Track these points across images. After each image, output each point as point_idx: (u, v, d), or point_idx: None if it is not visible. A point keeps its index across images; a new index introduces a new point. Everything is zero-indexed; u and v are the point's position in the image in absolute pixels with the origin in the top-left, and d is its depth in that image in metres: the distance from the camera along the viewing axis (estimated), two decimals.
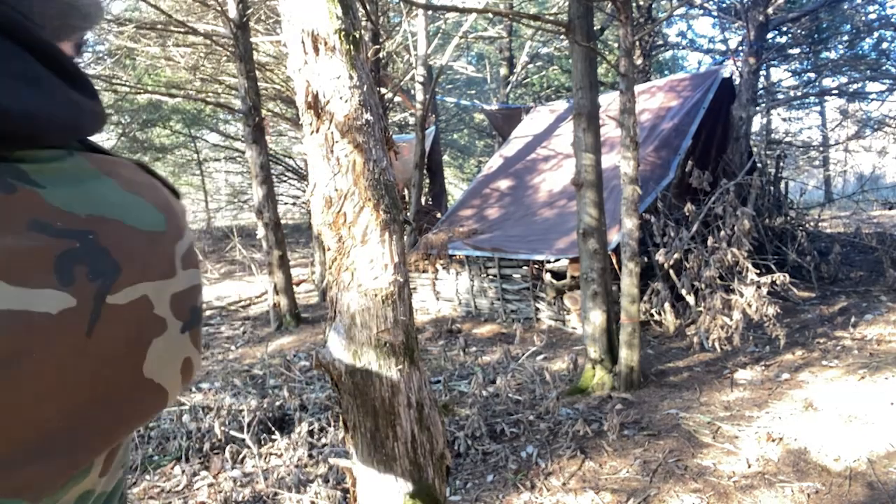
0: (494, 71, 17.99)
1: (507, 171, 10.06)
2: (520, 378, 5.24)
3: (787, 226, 8.58)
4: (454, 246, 8.21)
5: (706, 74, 9.17)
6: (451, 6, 5.18)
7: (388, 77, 9.80)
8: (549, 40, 13.70)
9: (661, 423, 4.16)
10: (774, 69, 14.25)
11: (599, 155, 5.05)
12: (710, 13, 11.46)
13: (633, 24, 5.12)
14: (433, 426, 2.08)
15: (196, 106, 13.86)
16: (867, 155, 19.38)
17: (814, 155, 17.97)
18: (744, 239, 5.42)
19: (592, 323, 5.00)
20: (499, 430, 4.18)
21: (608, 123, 7.48)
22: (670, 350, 5.95)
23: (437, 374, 5.68)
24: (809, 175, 21.16)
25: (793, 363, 5.14)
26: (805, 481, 3.25)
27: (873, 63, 11.44)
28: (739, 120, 8.64)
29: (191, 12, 9.60)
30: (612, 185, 7.11)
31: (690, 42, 15.42)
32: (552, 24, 5.23)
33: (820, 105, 18.00)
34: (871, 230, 9.92)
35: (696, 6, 10.84)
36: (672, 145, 7.94)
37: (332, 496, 3.36)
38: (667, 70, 17.36)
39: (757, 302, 5.05)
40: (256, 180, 8.18)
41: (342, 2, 1.88)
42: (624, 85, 4.65)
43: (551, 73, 17.19)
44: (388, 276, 1.95)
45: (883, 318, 5.97)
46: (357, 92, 1.90)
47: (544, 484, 3.49)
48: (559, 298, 7.02)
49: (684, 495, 3.23)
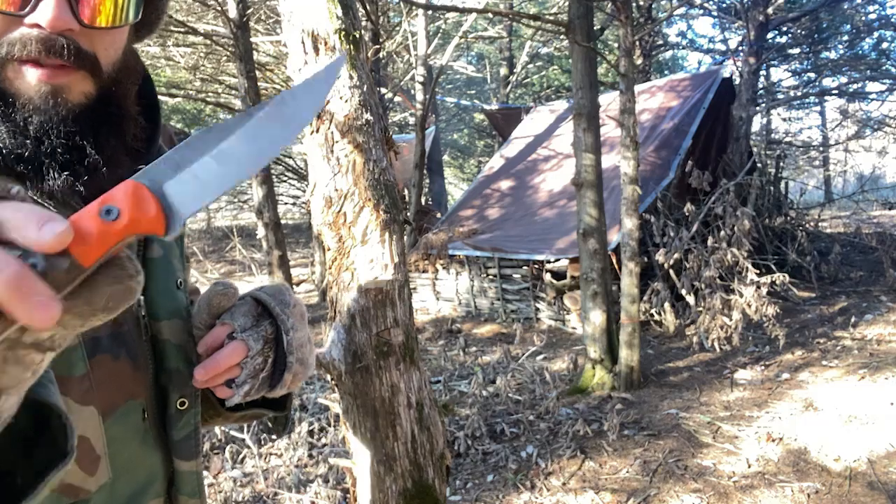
0: (494, 71, 17.99)
1: (508, 171, 10.06)
2: (520, 378, 5.24)
3: (787, 226, 8.58)
4: (454, 246, 8.21)
5: (706, 74, 9.17)
6: (451, 6, 5.18)
7: (389, 77, 9.80)
8: (549, 40, 13.69)
9: (661, 423, 4.16)
10: (774, 69, 14.25)
11: (599, 155, 5.05)
12: (710, 13, 11.47)
13: (633, 24, 5.12)
14: (433, 426, 2.08)
15: (196, 106, 13.86)
16: (867, 155, 19.39)
17: (814, 155, 17.97)
18: (744, 239, 5.42)
19: (592, 323, 5.00)
20: (499, 430, 4.18)
21: (608, 123, 7.47)
22: (670, 350, 5.95)
23: (437, 374, 5.68)
24: (809, 175, 21.16)
25: (793, 363, 5.14)
26: (805, 481, 3.25)
27: (873, 63, 11.44)
28: (739, 120, 8.64)
29: (191, 12, 9.60)
30: (612, 185, 7.10)
31: (690, 42, 15.42)
32: (552, 24, 5.24)
33: (820, 105, 17.99)
34: (871, 230, 9.92)
35: (696, 6, 10.84)
36: (672, 145, 7.93)
37: (332, 496, 3.36)
38: (667, 70, 17.35)
39: (757, 302, 5.05)
40: (256, 180, 8.18)
41: (342, 2, 1.88)
42: (624, 85, 4.65)
43: (551, 73, 17.19)
44: (388, 276, 1.95)
45: (883, 318, 5.97)
46: (357, 92, 1.90)
47: (544, 484, 3.49)
48: (559, 298, 7.02)
49: (684, 495, 3.23)
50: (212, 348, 0.68)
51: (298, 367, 0.70)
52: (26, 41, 0.53)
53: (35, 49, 0.53)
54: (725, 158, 8.54)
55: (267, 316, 0.70)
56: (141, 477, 0.68)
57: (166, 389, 0.70)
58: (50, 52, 0.54)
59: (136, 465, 0.68)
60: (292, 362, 0.69)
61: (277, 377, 0.69)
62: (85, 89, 0.58)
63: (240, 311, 0.69)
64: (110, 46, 0.60)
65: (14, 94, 0.55)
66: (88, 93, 0.59)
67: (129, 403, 0.66)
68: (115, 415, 0.64)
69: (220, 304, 0.69)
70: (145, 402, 0.69)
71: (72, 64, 0.55)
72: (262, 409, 0.80)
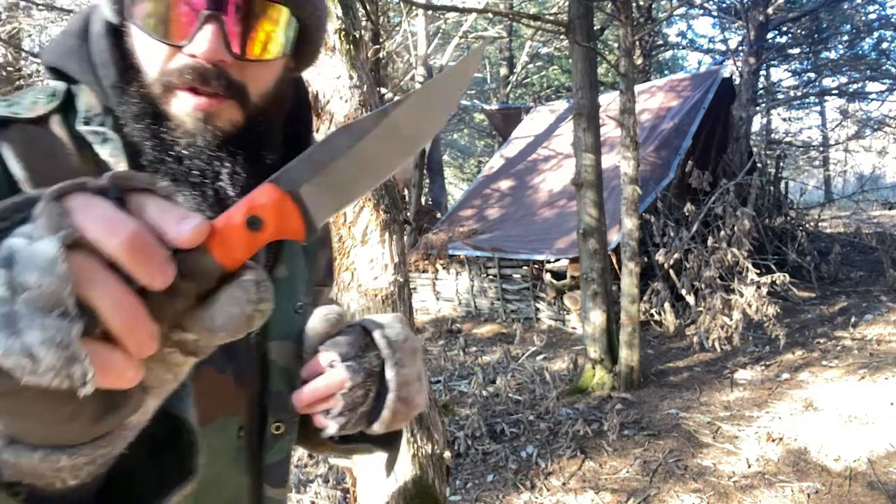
0: (494, 71, 17.98)
1: (508, 171, 10.07)
2: (520, 378, 5.24)
3: (787, 226, 8.58)
4: (454, 246, 8.21)
5: (706, 74, 9.17)
6: (451, 6, 5.18)
7: (389, 77, 9.80)
8: (549, 40, 13.69)
9: (661, 423, 4.16)
10: (774, 69, 14.25)
11: (599, 155, 5.05)
12: (710, 13, 11.47)
13: (633, 24, 5.12)
14: (433, 426, 2.08)
15: None
16: (867, 155, 19.39)
17: (814, 155, 17.98)
18: (744, 239, 5.42)
19: (592, 323, 5.00)
20: (499, 430, 4.18)
21: (608, 123, 7.47)
22: (670, 350, 5.95)
23: (437, 374, 5.68)
24: (809, 175, 21.16)
25: (793, 363, 5.14)
26: (805, 481, 3.25)
27: (873, 63, 11.45)
28: (739, 120, 8.64)
29: None
30: (612, 185, 7.10)
31: (690, 42, 15.43)
32: (552, 24, 5.24)
33: (820, 105, 17.99)
34: (871, 230, 9.91)
35: (696, 6, 10.84)
36: (672, 145, 7.94)
37: (332, 496, 3.36)
38: (667, 70, 17.36)
39: (757, 302, 5.05)
40: None
41: (342, 2, 1.88)
42: (624, 85, 4.65)
43: (551, 73, 17.19)
44: (388, 276, 1.95)
45: (883, 318, 5.97)
46: (357, 92, 1.90)
47: (544, 484, 3.49)
48: (559, 298, 7.02)
49: (684, 495, 3.23)
50: (312, 375, 0.66)
51: (400, 406, 0.65)
52: (184, 70, 0.58)
53: (191, 78, 0.58)
54: (725, 158, 8.54)
55: (373, 347, 0.67)
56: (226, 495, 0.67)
57: (266, 411, 0.70)
58: (204, 81, 0.59)
59: (224, 483, 0.67)
60: (392, 400, 0.65)
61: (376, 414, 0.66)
62: (232, 117, 0.62)
63: (345, 340, 0.67)
64: (261, 78, 0.64)
65: (169, 116, 0.60)
66: (235, 121, 0.62)
67: (226, 418, 0.66)
68: (210, 427, 0.63)
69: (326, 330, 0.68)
70: (243, 421, 0.68)
71: (222, 93, 0.60)
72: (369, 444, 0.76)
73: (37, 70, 7.44)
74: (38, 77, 7.56)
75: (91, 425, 0.35)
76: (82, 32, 0.65)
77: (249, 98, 0.63)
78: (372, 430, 0.66)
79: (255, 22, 0.60)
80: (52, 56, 0.65)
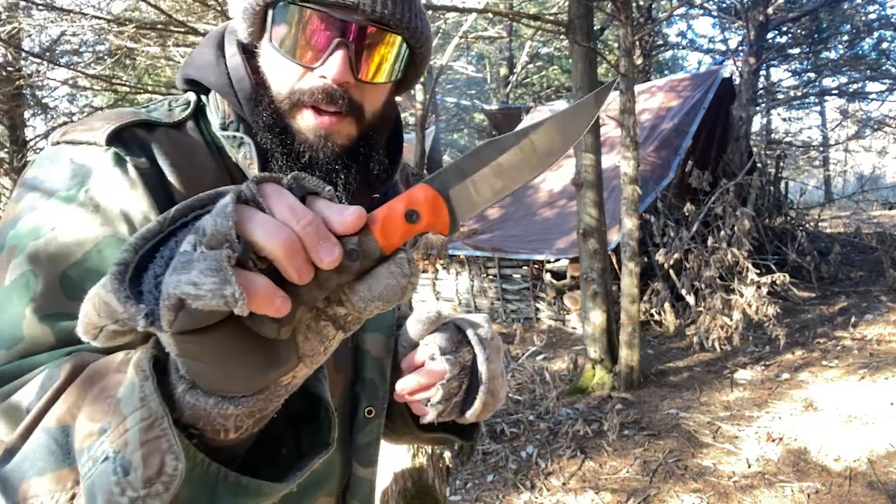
0: (494, 71, 17.97)
1: None
2: (520, 378, 5.24)
3: (787, 226, 8.58)
4: (454, 246, 8.21)
5: (706, 74, 9.17)
6: (451, 6, 5.18)
7: None
8: (549, 40, 13.69)
9: (661, 423, 4.16)
10: (774, 69, 14.24)
11: (599, 155, 5.05)
12: (710, 13, 11.47)
13: (633, 24, 5.12)
14: None
15: None
16: (867, 155, 19.39)
17: (814, 155, 17.97)
18: (744, 239, 5.42)
19: (592, 323, 5.00)
20: (499, 430, 4.18)
21: (608, 123, 7.48)
22: (670, 350, 5.95)
23: None
24: (809, 175, 21.16)
25: (793, 363, 5.14)
26: (805, 481, 3.25)
27: (873, 63, 11.45)
28: (739, 120, 8.64)
29: (191, 12, 9.59)
30: (612, 185, 7.10)
31: (690, 42, 15.43)
32: (552, 24, 5.25)
33: (820, 105, 18.00)
34: (871, 230, 9.91)
35: (696, 6, 10.84)
36: (672, 145, 7.93)
37: None
38: (667, 70, 17.36)
39: (757, 302, 5.05)
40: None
41: None
42: (624, 85, 4.65)
43: (551, 73, 17.19)
44: None
45: (883, 318, 5.97)
46: None
47: (544, 484, 3.49)
48: (559, 298, 7.01)
49: (684, 495, 3.23)
50: (413, 367, 0.73)
51: (489, 398, 0.72)
52: (314, 90, 0.67)
53: (321, 97, 0.67)
54: (725, 158, 8.54)
55: (466, 343, 0.74)
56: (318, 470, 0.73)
57: (358, 397, 0.78)
58: (330, 100, 0.67)
59: None
60: (483, 392, 0.71)
61: (468, 404, 0.73)
62: (349, 132, 0.71)
63: (442, 336, 0.74)
64: (375, 98, 0.72)
65: (295, 130, 0.69)
66: (351, 136, 0.71)
67: None
68: None
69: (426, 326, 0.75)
70: (338, 403, 0.74)
71: (344, 111, 0.68)
72: (452, 435, 0.84)
73: (37, 70, 7.42)
74: (39, 77, 7.55)
75: (256, 376, 0.41)
76: (217, 51, 0.74)
77: (365, 116, 0.71)
78: (463, 419, 0.74)
79: (375, 49, 0.68)
80: (192, 70, 0.74)
